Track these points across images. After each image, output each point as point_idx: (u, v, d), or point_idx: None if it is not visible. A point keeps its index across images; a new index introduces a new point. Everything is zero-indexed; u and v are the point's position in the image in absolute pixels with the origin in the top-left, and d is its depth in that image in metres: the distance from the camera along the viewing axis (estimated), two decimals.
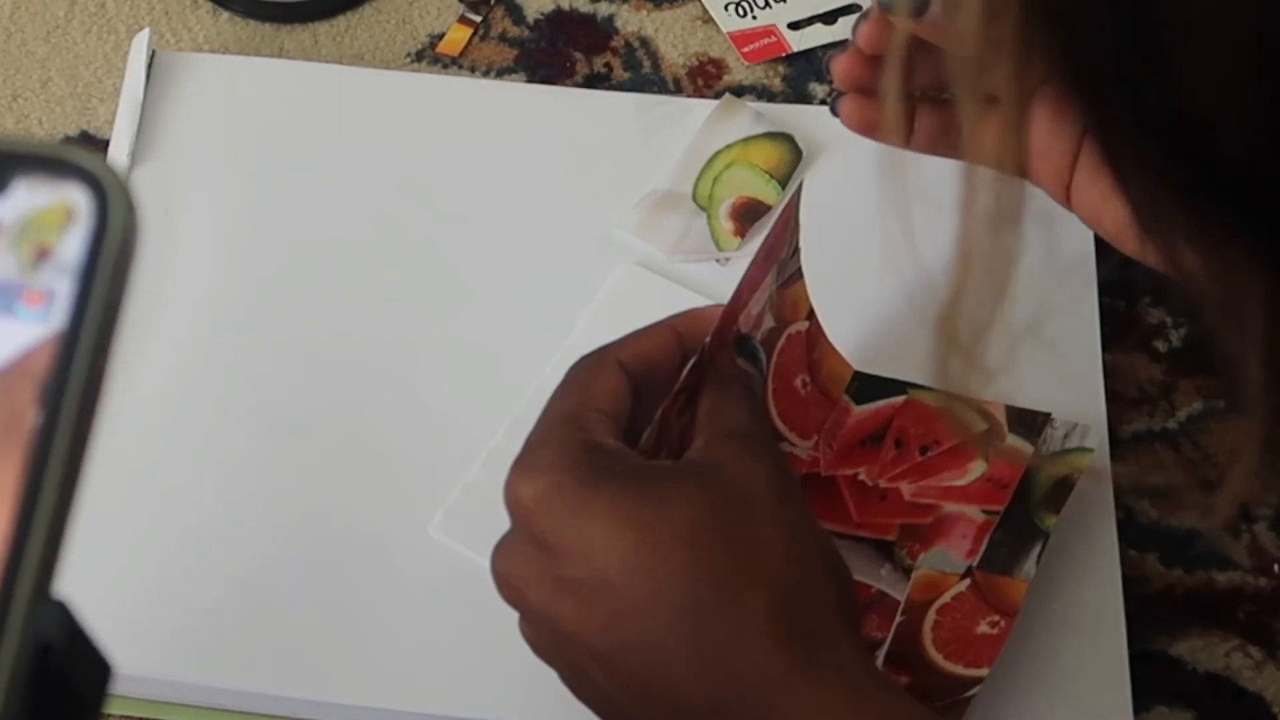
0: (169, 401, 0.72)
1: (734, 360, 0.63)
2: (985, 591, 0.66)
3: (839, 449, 0.69)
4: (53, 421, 0.33)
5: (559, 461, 0.57)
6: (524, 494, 0.57)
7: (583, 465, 0.57)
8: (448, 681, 0.67)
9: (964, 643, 0.65)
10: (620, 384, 0.60)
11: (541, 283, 0.76)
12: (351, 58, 0.83)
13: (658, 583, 0.55)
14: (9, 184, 0.34)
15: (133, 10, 0.84)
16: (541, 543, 0.57)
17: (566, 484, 0.56)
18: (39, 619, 0.33)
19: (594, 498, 0.56)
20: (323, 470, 0.71)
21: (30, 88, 0.82)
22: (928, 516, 0.68)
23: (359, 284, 0.76)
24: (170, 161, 0.78)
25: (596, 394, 0.60)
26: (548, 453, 0.58)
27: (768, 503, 0.57)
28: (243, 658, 0.67)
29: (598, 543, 0.55)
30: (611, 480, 0.56)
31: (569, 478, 0.56)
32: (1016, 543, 0.67)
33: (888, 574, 0.67)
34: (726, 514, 0.56)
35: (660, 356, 0.62)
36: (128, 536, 0.69)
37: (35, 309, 0.34)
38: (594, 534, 0.55)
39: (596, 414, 0.59)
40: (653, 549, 0.55)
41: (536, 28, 0.85)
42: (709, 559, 0.55)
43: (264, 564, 0.69)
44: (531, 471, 0.57)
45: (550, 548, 0.56)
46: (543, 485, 0.57)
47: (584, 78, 0.83)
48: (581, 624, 0.56)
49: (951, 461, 0.69)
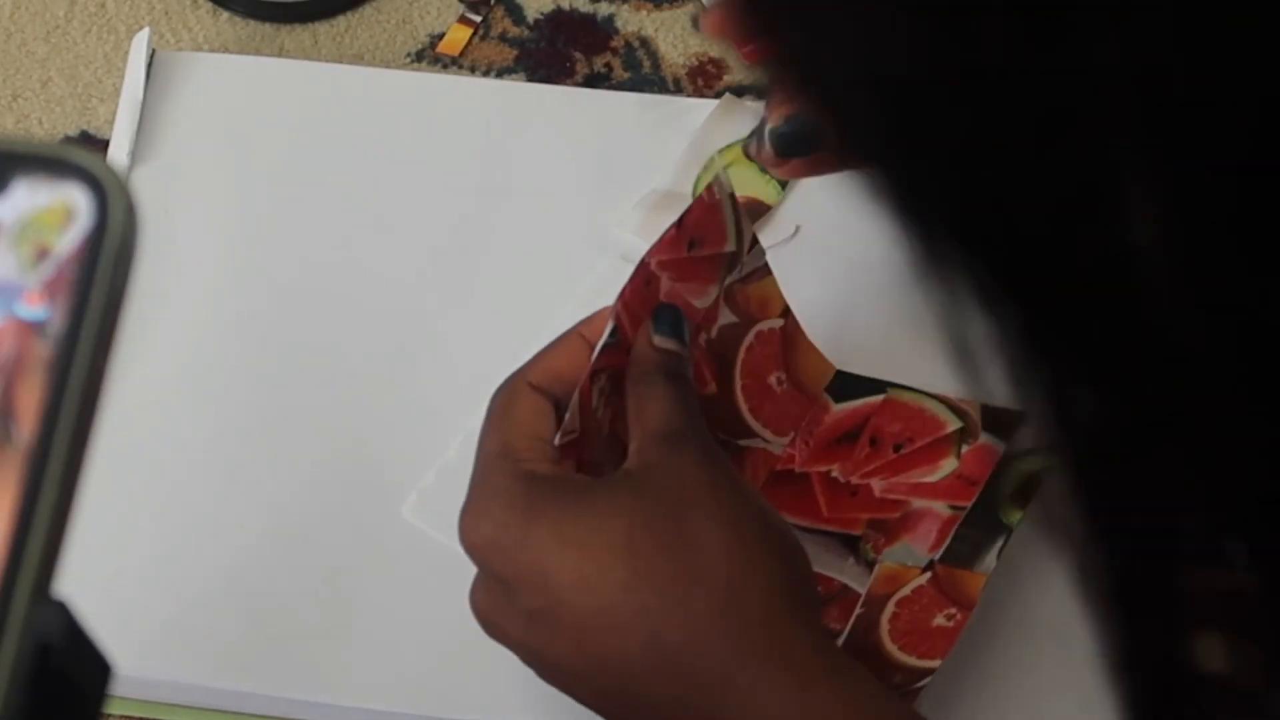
0: (169, 401, 0.72)
1: (649, 343, 0.63)
2: (945, 584, 0.66)
3: (815, 446, 0.69)
4: (53, 422, 0.33)
5: (499, 500, 0.58)
6: (474, 539, 0.58)
7: (520, 499, 0.58)
8: (446, 683, 0.67)
9: (920, 635, 0.65)
10: (536, 404, 0.61)
11: (541, 282, 0.76)
12: (351, 58, 0.83)
13: (606, 597, 0.56)
14: (9, 184, 0.34)
15: (133, 10, 0.84)
16: (502, 581, 0.58)
17: (511, 521, 0.57)
18: (39, 619, 0.33)
19: (536, 527, 0.57)
20: (323, 470, 0.71)
21: (30, 88, 0.82)
22: (896, 512, 0.68)
23: (358, 283, 0.76)
24: (170, 161, 0.78)
25: (517, 421, 0.60)
26: (487, 494, 0.59)
27: (701, 500, 0.58)
28: (242, 658, 0.67)
29: (547, 567, 0.57)
30: (551, 506, 0.57)
31: (511, 515, 0.58)
32: (979, 536, 0.67)
33: (851, 567, 0.67)
34: (662, 519, 0.57)
35: (572, 366, 0.62)
36: (128, 537, 0.69)
37: (35, 309, 0.34)
38: (542, 560, 0.57)
39: (524, 441, 0.60)
40: (596, 565, 0.56)
41: (536, 28, 0.85)
42: (649, 567, 0.56)
43: (264, 565, 0.69)
44: (476, 516, 0.59)
45: (510, 584, 0.58)
46: (489, 528, 0.58)
47: (584, 78, 0.83)
48: (554, 650, 0.58)
49: (923, 459, 0.69)
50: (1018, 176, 0.32)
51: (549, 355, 0.63)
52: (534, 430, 0.60)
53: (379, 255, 0.76)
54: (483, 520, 0.58)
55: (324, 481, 0.71)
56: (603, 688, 0.58)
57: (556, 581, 0.56)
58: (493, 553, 0.58)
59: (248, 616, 0.68)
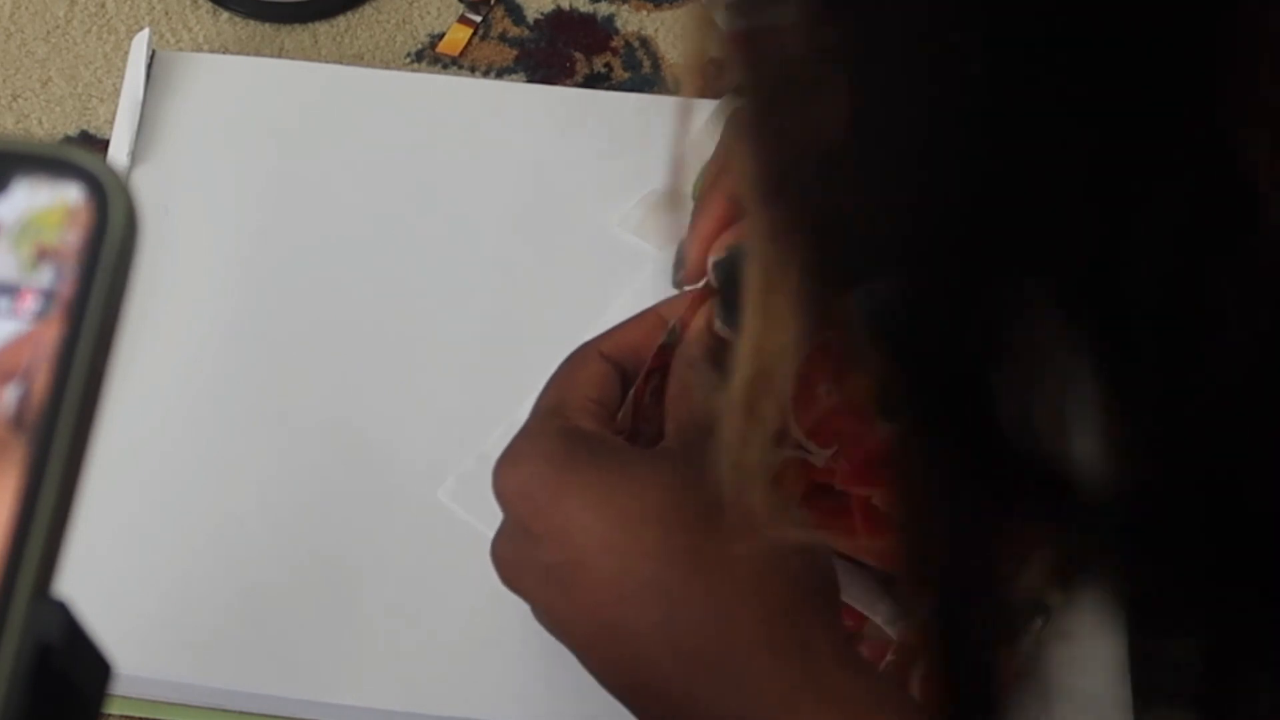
0: (169, 401, 0.72)
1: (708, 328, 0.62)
2: None
3: (857, 464, 0.68)
4: (53, 421, 0.33)
5: (538, 450, 0.58)
6: (507, 485, 0.58)
7: (560, 452, 0.58)
8: (448, 682, 0.67)
9: None
10: (603, 372, 0.61)
11: (540, 282, 0.76)
12: (351, 58, 0.83)
13: (629, 563, 0.56)
14: (9, 184, 0.34)
15: (133, 10, 0.84)
16: (528, 530, 0.58)
17: (545, 472, 0.57)
18: (39, 619, 0.33)
19: (571, 482, 0.57)
20: (324, 470, 0.71)
21: (30, 88, 0.82)
22: None
23: (359, 283, 0.76)
24: (170, 161, 0.78)
25: (578, 383, 0.61)
26: (529, 443, 0.59)
27: None
28: (243, 658, 0.67)
29: (574, 525, 0.56)
30: (589, 464, 0.57)
31: (547, 465, 0.57)
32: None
33: (885, 610, 0.66)
34: (696, 500, 0.56)
35: (645, 342, 0.62)
36: (128, 536, 0.69)
37: (35, 309, 0.34)
38: (571, 517, 0.56)
39: (578, 401, 0.60)
40: (624, 530, 0.56)
41: (536, 28, 0.85)
42: (678, 542, 0.56)
43: (264, 564, 0.69)
44: (513, 462, 0.58)
45: (534, 535, 0.57)
46: (524, 475, 0.58)
47: (584, 78, 0.83)
48: (567, 610, 0.57)
49: None
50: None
51: (625, 328, 0.63)
52: (595, 394, 0.60)
53: (379, 255, 0.76)
54: (519, 468, 0.58)
55: (325, 481, 0.71)
56: (609, 658, 0.57)
57: (582, 541, 0.56)
58: (523, 501, 0.58)
59: (249, 616, 0.68)
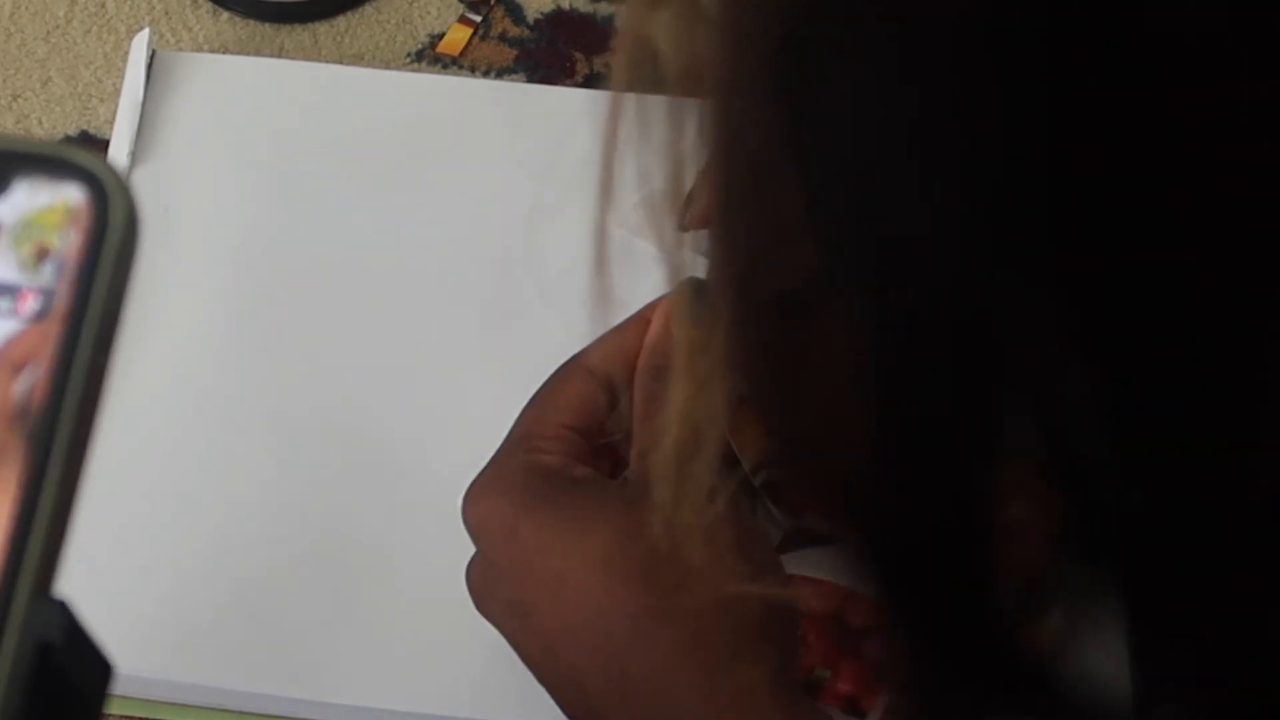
0: (169, 401, 0.72)
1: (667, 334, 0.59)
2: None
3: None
4: (53, 421, 0.33)
5: (500, 485, 0.58)
6: (471, 516, 0.58)
7: (518, 488, 0.57)
8: (447, 681, 0.67)
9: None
10: (584, 392, 0.59)
11: (541, 283, 0.76)
12: (351, 58, 0.83)
13: (575, 615, 0.55)
14: (9, 184, 0.34)
15: (133, 10, 0.84)
16: (490, 562, 0.58)
17: (504, 508, 0.57)
18: (39, 619, 0.33)
19: (525, 522, 0.56)
20: (323, 470, 0.71)
21: (30, 88, 0.82)
22: None
23: (359, 283, 0.76)
24: (170, 161, 0.78)
25: (556, 407, 0.59)
26: (494, 475, 0.58)
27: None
28: (243, 658, 0.67)
29: (528, 565, 0.56)
30: (545, 504, 0.56)
31: (507, 501, 0.57)
32: None
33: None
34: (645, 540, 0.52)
35: (634, 348, 0.60)
36: (128, 536, 0.69)
37: (35, 309, 0.34)
38: (524, 558, 0.56)
39: (550, 429, 0.59)
40: (572, 576, 0.55)
41: (536, 28, 0.85)
42: (620, 594, 0.55)
43: (265, 564, 0.69)
44: (477, 495, 0.58)
45: (496, 568, 0.57)
46: (484, 509, 0.57)
47: (584, 78, 0.83)
48: (525, 647, 0.57)
49: None
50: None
51: (611, 339, 0.60)
52: (573, 419, 0.59)
53: (379, 255, 0.76)
54: (481, 500, 0.58)
55: (326, 482, 0.71)
56: (563, 699, 0.57)
57: (533, 581, 0.56)
58: (484, 535, 0.58)
59: (249, 616, 0.68)
